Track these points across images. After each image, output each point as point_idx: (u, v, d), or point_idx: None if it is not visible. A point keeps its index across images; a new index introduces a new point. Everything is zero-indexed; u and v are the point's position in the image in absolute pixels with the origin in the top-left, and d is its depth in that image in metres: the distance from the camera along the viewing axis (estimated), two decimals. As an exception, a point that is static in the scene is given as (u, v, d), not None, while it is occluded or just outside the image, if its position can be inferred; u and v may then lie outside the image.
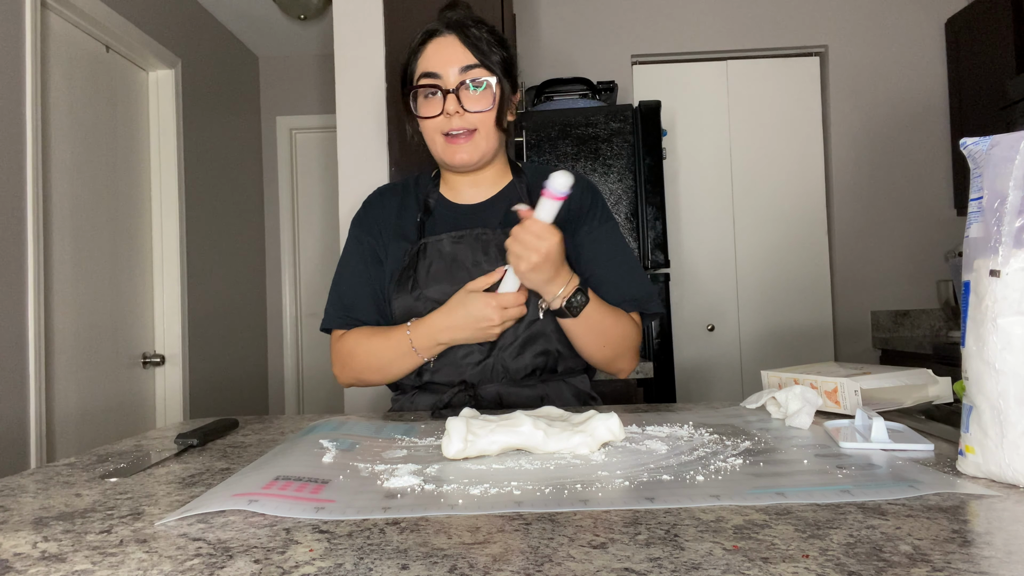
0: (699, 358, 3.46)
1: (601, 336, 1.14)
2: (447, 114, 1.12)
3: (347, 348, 1.19)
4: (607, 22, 3.53)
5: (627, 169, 2.66)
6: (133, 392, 2.81)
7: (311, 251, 4.26)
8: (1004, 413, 0.60)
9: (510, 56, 1.17)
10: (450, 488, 0.64)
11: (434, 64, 1.12)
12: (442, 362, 1.16)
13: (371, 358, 1.16)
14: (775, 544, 0.49)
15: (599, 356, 1.17)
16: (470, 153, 1.15)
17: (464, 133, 1.13)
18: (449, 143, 1.14)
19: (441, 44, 1.13)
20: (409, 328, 1.12)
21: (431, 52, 1.13)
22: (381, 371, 1.17)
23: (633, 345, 1.19)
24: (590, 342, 1.14)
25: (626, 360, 1.19)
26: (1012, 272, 0.60)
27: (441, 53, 1.12)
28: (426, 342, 1.11)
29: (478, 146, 1.15)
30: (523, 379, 1.17)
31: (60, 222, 2.38)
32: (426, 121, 1.15)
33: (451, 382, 1.16)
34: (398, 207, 1.26)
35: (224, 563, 0.48)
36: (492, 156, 1.20)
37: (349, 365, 1.19)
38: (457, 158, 1.15)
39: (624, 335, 1.16)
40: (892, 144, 3.46)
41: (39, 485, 0.73)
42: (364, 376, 1.19)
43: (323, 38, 3.96)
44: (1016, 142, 0.61)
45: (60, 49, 2.42)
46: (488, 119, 1.14)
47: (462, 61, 1.11)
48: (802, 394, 0.91)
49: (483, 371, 1.15)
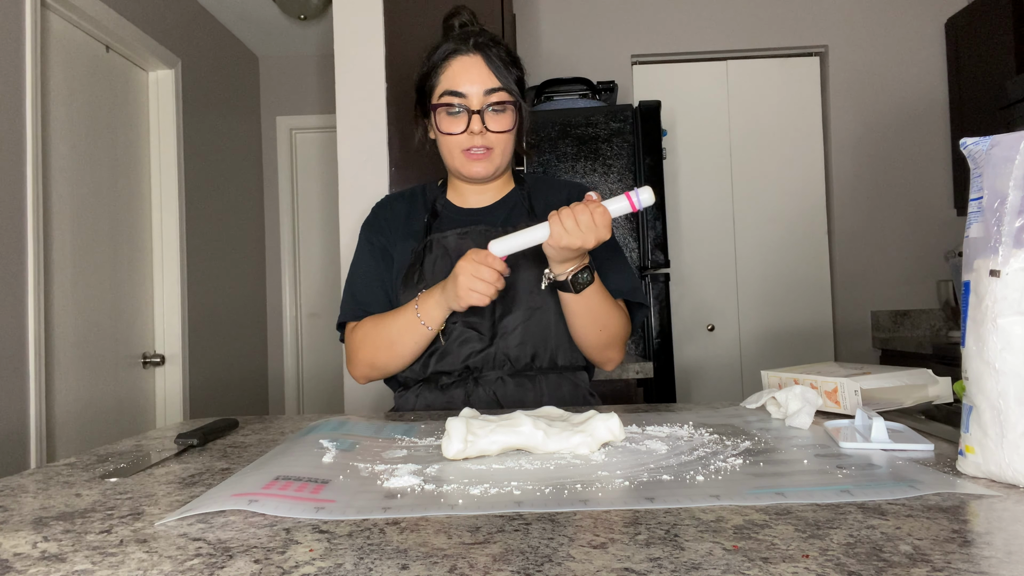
0: (699, 358, 3.46)
1: (599, 319, 1.17)
2: (471, 132, 1.18)
3: (359, 335, 1.23)
4: (607, 22, 3.53)
5: (627, 169, 2.66)
6: (133, 392, 2.80)
7: (311, 251, 4.26)
8: (1004, 413, 0.60)
9: (523, 75, 1.24)
10: (450, 488, 0.64)
11: (460, 83, 1.18)
12: (445, 351, 1.20)
13: (380, 337, 1.19)
14: (775, 544, 0.49)
15: (594, 339, 1.19)
16: (486, 167, 1.22)
17: (484, 150, 1.19)
18: (468, 157, 1.20)
19: (466, 64, 1.18)
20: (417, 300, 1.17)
21: (457, 71, 1.18)
22: (391, 348, 1.19)
23: (624, 335, 1.23)
24: (588, 323, 1.17)
25: (615, 350, 1.23)
26: (1012, 272, 0.60)
27: (467, 73, 1.18)
28: (427, 307, 1.14)
29: (494, 162, 1.22)
30: (523, 368, 1.20)
31: (60, 222, 2.38)
32: (448, 137, 1.20)
33: (454, 371, 1.20)
34: (406, 211, 1.32)
35: (224, 563, 0.48)
36: (504, 169, 1.27)
37: (361, 351, 1.22)
38: (474, 170, 1.22)
39: (619, 323, 1.20)
40: (892, 144, 3.46)
41: (39, 485, 0.73)
42: (376, 358, 1.21)
43: (323, 38, 3.96)
44: (1016, 142, 0.61)
45: (60, 49, 2.42)
46: (508, 139, 1.21)
47: (487, 84, 1.17)
48: (802, 394, 0.91)
49: (485, 359, 1.19)
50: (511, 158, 1.27)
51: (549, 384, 1.22)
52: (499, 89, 1.17)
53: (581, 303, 1.13)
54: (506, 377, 1.20)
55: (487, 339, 1.19)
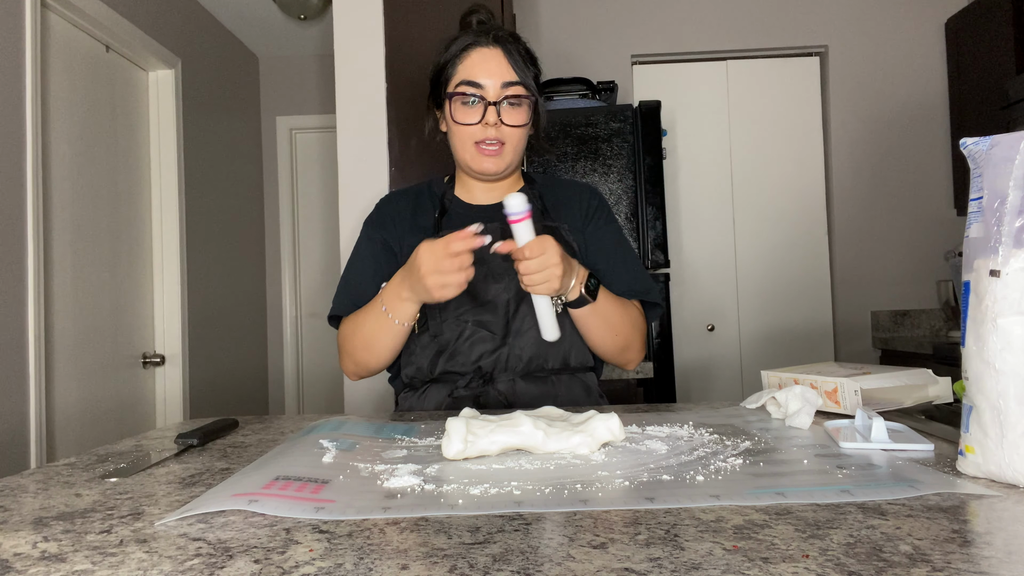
0: (699, 358, 3.46)
1: (613, 325, 1.16)
2: (486, 124, 1.15)
3: (345, 332, 1.22)
4: (607, 22, 3.53)
5: (627, 169, 2.66)
6: (133, 392, 2.81)
7: (311, 251, 4.26)
8: (1004, 413, 0.60)
9: (539, 73, 1.23)
10: (450, 488, 0.64)
11: (478, 74, 1.15)
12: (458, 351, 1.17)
13: (357, 336, 1.18)
14: (775, 544, 0.49)
15: (611, 345, 1.19)
16: (497, 164, 1.19)
17: (497, 144, 1.17)
18: (480, 151, 1.18)
19: (485, 56, 1.16)
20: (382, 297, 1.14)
21: (476, 61, 1.16)
22: (369, 348, 1.17)
23: (641, 334, 1.22)
24: (602, 331, 1.17)
25: (634, 351, 1.22)
26: (1012, 272, 0.60)
27: (485, 64, 1.16)
28: (395, 303, 1.11)
29: (505, 158, 1.19)
30: (536, 370, 1.19)
31: (60, 222, 2.38)
32: (461, 127, 1.18)
33: (465, 371, 1.18)
34: (412, 206, 1.29)
35: (224, 563, 0.48)
36: (515, 167, 1.25)
37: (347, 349, 1.21)
38: (484, 165, 1.19)
39: (633, 323, 1.20)
40: (892, 144, 3.46)
41: (39, 485, 0.73)
42: (359, 357, 1.19)
43: (323, 38, 3.96)
44: (1016, 142, 0.61)
45: (60, 49, 2.42)
46: (521, 134, 1.19)
47: (505, 76, 1.15)
48: (802, 394, 0.91)
49: (497, 360, 1.17)
50: (522, 156, 1.24)
51: (562, 385, 1.20)
52: (517, 83, 1.16)
53: (594, 313, 1.13)
54: (518, 379, 1.18)
55: (499, 338, 1.17)
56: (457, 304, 1.17)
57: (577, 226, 1.26)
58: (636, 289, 1.24)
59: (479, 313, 1.17)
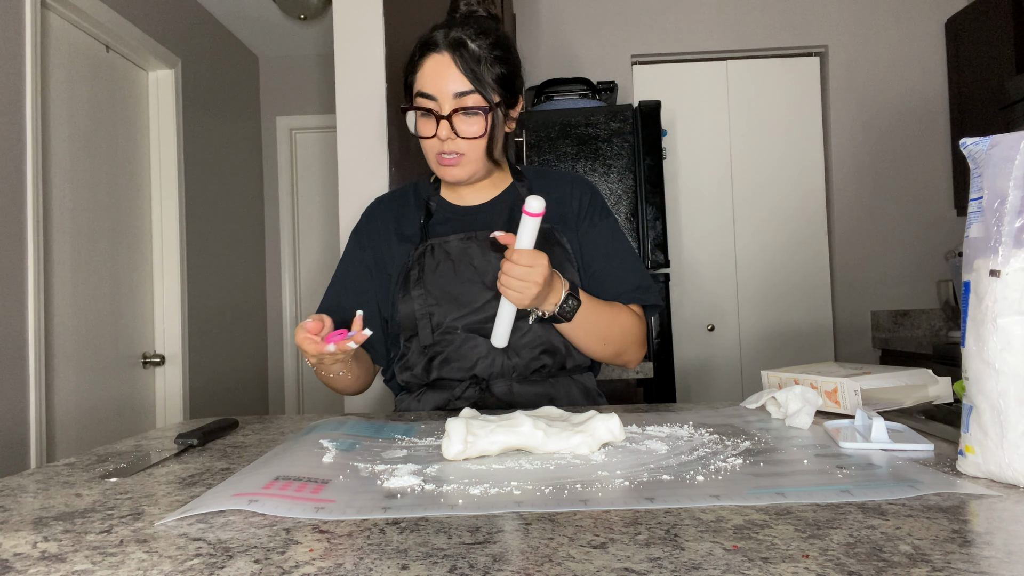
0: (699, 358, 3.46)
1: (600, 336, 1.15)
2: (438, 138, 1.12)
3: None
4: (607, 22, 3.53)
5: (627, 169, 2.66)
6: (133, 392, 2.80)
7: (311, 251, 4.26)
8: (1004, 413, 0.60)
9: (511, 69, 1.15)
10: (450, 488, 0.64)
11: (430, 86, 1.11)
12: (451, 358, 1.16)
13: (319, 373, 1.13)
14: (775, 544, 0.49)
15: (601, 353, 1.18)
16: (459, 173, 1.16)
17: (454, 155, 1.13)
18: (441, 163, 1.15)
19: (437, 63, 1.11)
20: None
21: (428, 71, 1.12)
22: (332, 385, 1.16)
23: (636, 338, 1.20)
24: (590, 342, 1.16)
25: (631, 353, 1.21)
26: (1012, 272, 0.60)
27: (436, 74, 1.11)
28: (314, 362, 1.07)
29: (467, 168, 1.16)
30: (532, 375, 1.18)
31: (60, 222, 2.38)
32: (422, 140, 1.16)
33: (462, 378, 1.17)
34: (397, 213, 1.27)
35: (224, 563, 0.48)
36: (486, 171, 1.20)
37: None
38: (449, 175, 1.16)
39: (625, 330, 1.18)
40: (892, 144, 3.46)
41: (39, 485, 0.73)
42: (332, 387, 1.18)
43: (323, 38, 3.96)
44: (1016, 142, 0.61)
45: (60, 49, 2.42)
46: (479, 145, 1.14)
47: (456, 87, 1.10)
48: (802, 394, 0.91)
49: (492, 366, 1.16)
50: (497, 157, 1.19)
51: (560, 387, 1.20)
52: (469, 92, 1.09)
53: (577, 327, 1.12)
54: (514, 383, 1.17)
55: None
56: (447, 311, 1.15)
57: (570, 224, 1.23)
58: (632, 291, 1.22)
59: (471, 319, 1.15)
